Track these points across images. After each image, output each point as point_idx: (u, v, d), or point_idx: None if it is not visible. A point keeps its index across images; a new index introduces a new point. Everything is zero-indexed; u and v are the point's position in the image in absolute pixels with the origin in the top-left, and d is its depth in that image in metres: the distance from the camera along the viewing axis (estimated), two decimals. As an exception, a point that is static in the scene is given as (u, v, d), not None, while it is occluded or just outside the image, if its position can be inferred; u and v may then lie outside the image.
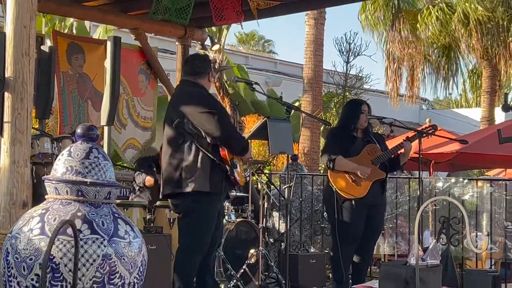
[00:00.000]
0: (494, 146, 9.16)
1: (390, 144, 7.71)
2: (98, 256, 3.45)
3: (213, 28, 14.65)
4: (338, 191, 7.05)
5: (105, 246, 3.48)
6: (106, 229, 3.52)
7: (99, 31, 14.78)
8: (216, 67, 15.56)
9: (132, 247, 3.58)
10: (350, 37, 15.71)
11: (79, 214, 3.51)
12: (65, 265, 3.40)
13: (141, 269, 3.64)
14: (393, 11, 17.41)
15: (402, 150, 7.13)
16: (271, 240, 9.18)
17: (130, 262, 3.56)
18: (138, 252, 3.62)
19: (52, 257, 3.40)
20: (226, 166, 5.65)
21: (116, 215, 3.64)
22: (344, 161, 7.04)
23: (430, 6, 17.14)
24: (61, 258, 3.41)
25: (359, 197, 6.98)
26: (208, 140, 5.62)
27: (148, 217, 7.17)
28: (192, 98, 5.77)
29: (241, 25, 8.21)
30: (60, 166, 3.65)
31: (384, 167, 7.15)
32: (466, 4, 16.71)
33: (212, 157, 5.61)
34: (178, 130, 5.69)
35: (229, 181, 5.76)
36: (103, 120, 8.20)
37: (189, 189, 5.65)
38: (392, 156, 7.14)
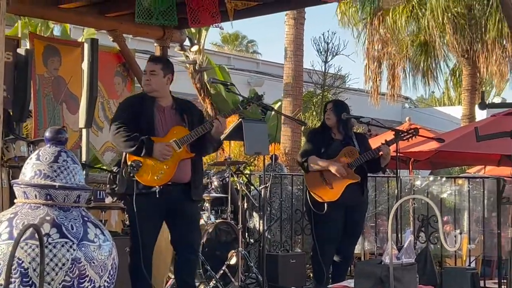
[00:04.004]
0: (472, 143, 9.16)
1: (373, 142, 7.71)
2: (67, 260, 3.44)
3: (193, 29, 14.63)
4: (312, 194, 7.07)
5: (74, 250, 3.47)
6: (75, 232, 3.51)
7: (81, 36, 14.74)
8: (196, 68, 15.61)
9: (102, 251, 3.58)
10: (328, 37, 15.75)
11: (48, 218, 3.50)
12: (34, 270, 3.39)
13: (111, 273, 3.64)
14: (371, 9, 17.44)
15: (381, 153, 7.11)
16: (252, 240, 9.18)
17: (100, 266, 3.55)
18: (108, 256, 3.62)
19: (20, 261, 3.38)
20: (128, 167, 5.62)
21: (85, 218, 3.63)
22: (317, 160, 7.05)
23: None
24: (29, 263, 3.40)
25: (331, 200, 6.98)
26: None
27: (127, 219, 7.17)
28: None
29: (220, 27, 8.16)
30: (29, 170, 3.64)
31: (361, 170, 7.14)
32: (439, 0, 16.67)
33: (123, 159, 5.73)
34: None
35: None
36: (81, 123, 8.18)
37: (118, 191, 5.91)
38: (369, 159, 7.10)
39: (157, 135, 5.73)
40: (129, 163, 5.59)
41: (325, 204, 6.97)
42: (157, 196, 5.60)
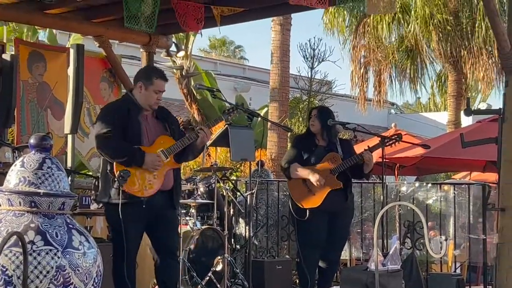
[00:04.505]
0: (458, 150, 9.22)
1: (359, 148, 7.71)
2: (52, 267, 3.43)
3: (181, 34, 14.62)
4: (294, 200, 7.07)
5: (58, 258, 3.45)
6: (60, 240, 3.50)
7: (67, 41, 14.69)
8: (183, 73, 15.60)
9: (86, 258, 3.56)
10: (314, 43, 15.74)
11: (32, 225, 3.48)
12: (18, 277, 3.38)
13: (96, 280, 3.62)
14: (357, 16, 17.48)
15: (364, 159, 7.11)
16: (238, 246, 9.17)
17: (85, 273, 3.54)
18: (93, 263, 3.60)
19: (4, 269, 3.37)
20: (114, 177, 5.58)
21: (70, 225, 3.61)
22: (298, 168, 7.06)
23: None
24: (13, 270, 3.38)
25: (313, 207, 6.98)
26: None
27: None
28: None
29: (201, 33, 8.17)
30: (13, 177, 3.62)
31: (344, 176, 7.13)
32: (425, 7, 16.70)
33: (108, 169, 5.67)
34: None
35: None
36: (67, 129, 8.15)
37: (99, 199, 5.93)
38: (351, 165, 7.09)
39: (143, 144, 5.73)
40: (117, 173, 5.56)
41: (307, 210, 6.97)
42: (144, 205, 5.62)
